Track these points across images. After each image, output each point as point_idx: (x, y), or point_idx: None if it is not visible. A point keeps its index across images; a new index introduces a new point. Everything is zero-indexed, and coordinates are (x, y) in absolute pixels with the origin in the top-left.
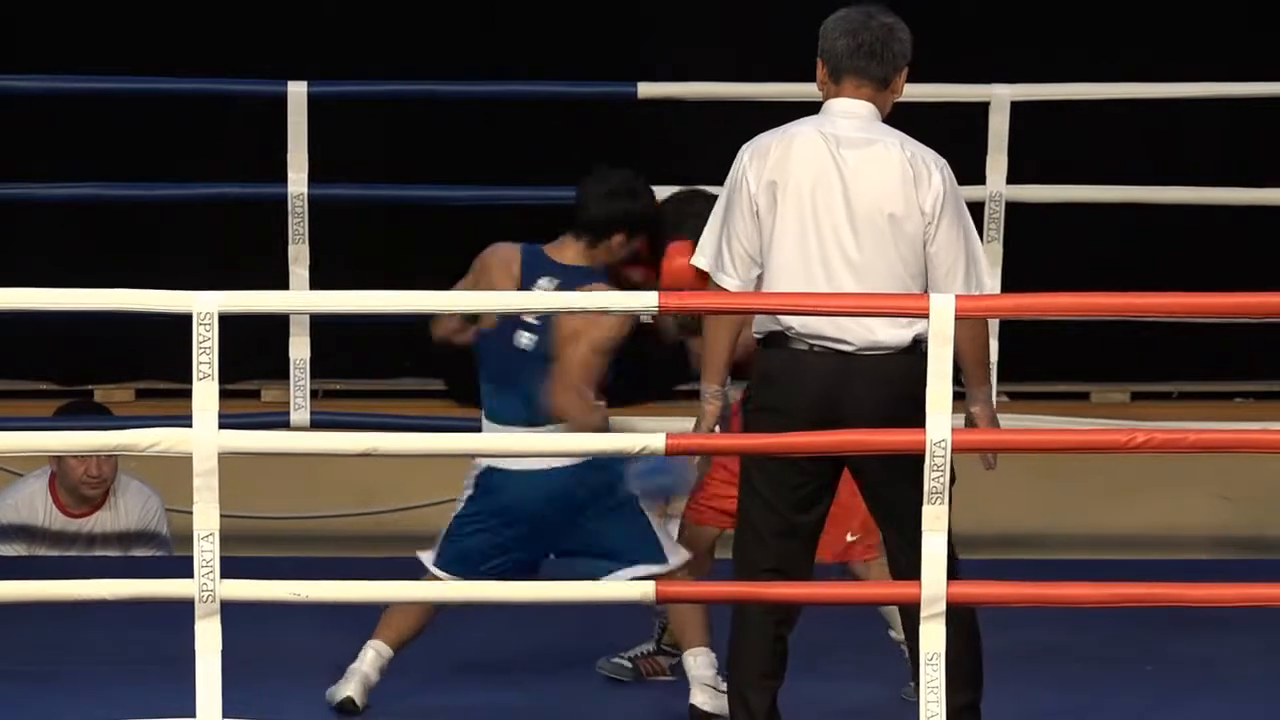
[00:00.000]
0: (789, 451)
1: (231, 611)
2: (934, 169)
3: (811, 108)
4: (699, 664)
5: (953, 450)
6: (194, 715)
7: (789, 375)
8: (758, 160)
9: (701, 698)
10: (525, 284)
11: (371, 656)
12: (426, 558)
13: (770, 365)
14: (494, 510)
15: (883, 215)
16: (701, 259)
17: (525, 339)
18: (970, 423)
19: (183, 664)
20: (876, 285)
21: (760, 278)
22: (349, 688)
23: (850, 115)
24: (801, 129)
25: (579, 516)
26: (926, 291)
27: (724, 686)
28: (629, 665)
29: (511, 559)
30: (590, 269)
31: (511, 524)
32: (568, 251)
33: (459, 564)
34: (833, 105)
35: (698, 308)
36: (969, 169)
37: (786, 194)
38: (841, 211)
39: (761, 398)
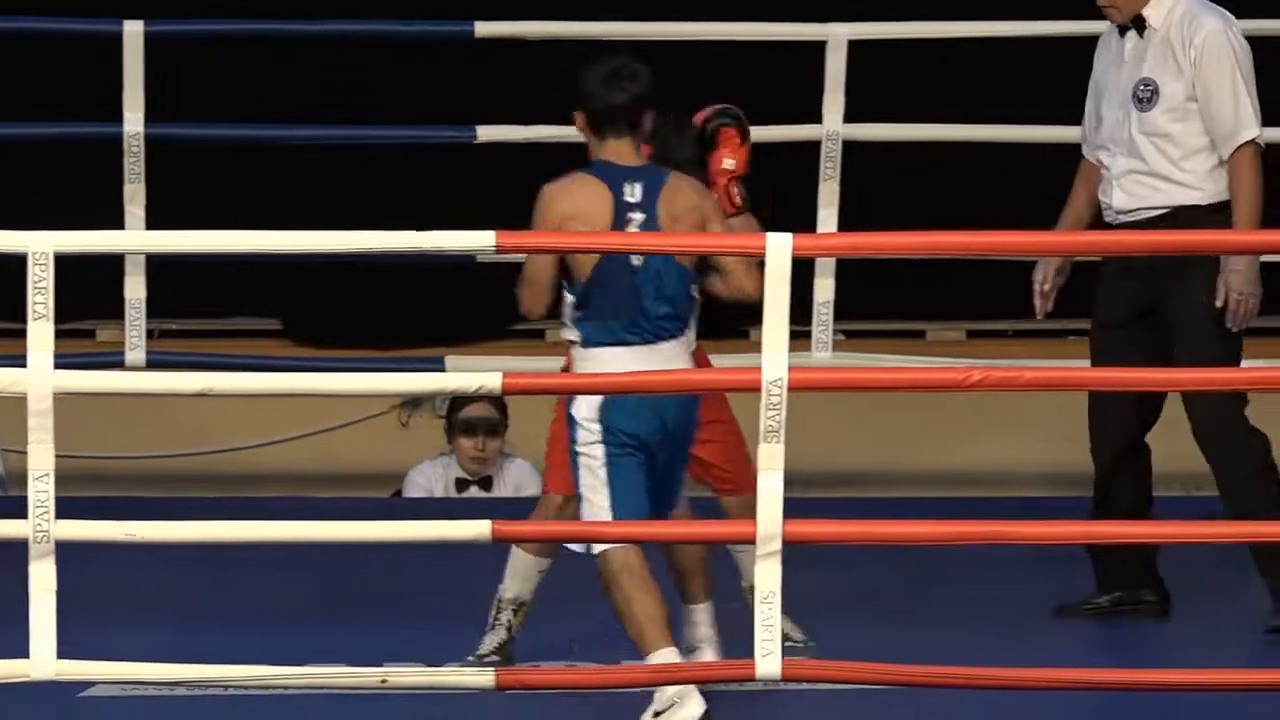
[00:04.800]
0: (631, 391)
1: (67, 551)
2: None
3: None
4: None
5: (789, 389)
6: (27, 656)
7: None
8: None
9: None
10: (617, 197)
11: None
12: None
13: None
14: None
15: None
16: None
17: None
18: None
19: (17, 605)
20: None
21: None
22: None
23: None
24: None
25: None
26: None
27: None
28: None
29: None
30: (652, 165)
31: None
32: (624, 153)
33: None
34: None
35: (533, 247)
36: (806, 107)
37: None
38: None
39: None
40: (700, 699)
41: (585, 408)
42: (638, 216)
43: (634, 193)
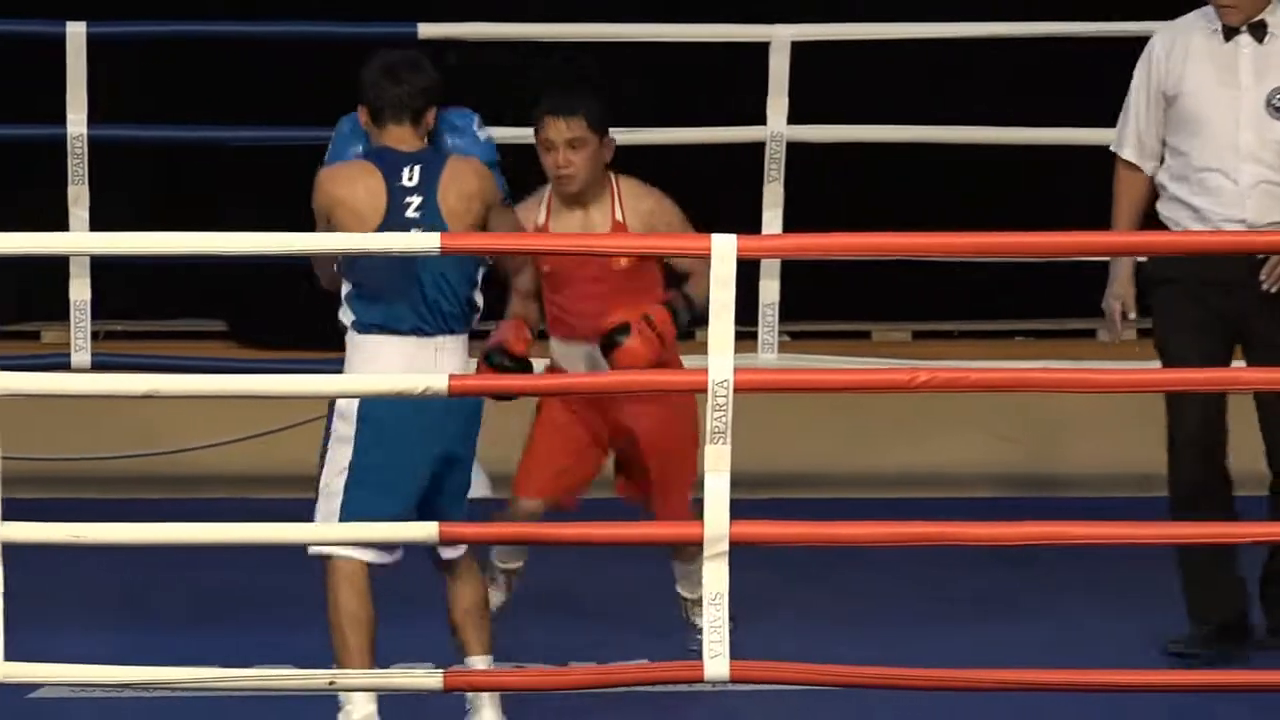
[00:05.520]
0: (568, 392)
1: (12, 554)
2: None
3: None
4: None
5: (734, 390)
6: None
7: None
8: None
9: None
10: (391, 181)
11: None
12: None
13: None
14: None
15: None
16: None
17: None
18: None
19: None
20: None
21: None
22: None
23: None
24: None
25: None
26: None
27: None
28: None
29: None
30: (434, 149)
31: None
32: (405, 139)
33: None
34: None
35: (475, 248)
36: (750, 109)
37: None
38: None
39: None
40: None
41: (345, 411)
42: (415, 199)
43: (411, 176)
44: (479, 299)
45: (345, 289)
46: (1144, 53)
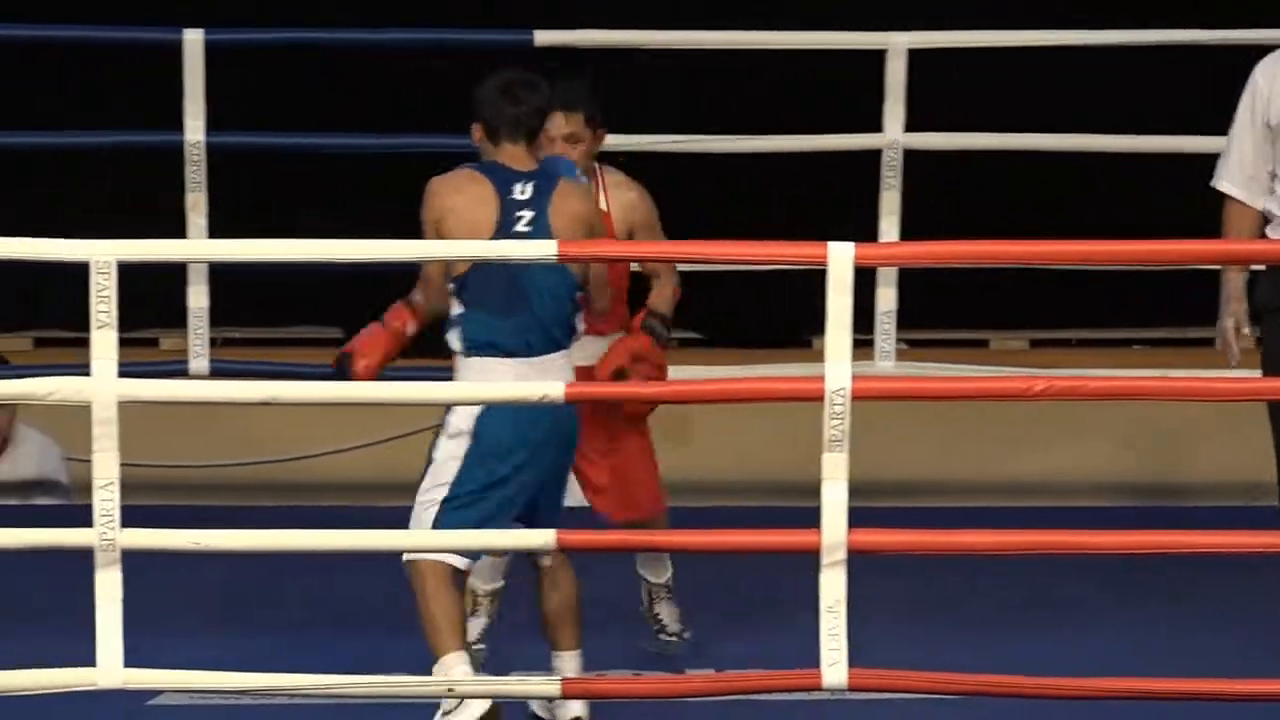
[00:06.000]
0: (685, 400)
1: (131, 560)
2: None
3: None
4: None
5: (852, 398)
6: (94, 664)
7: None
8: None
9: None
10: (503, 194)
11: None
12: None
13: None
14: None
15: None
16: None
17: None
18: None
19: (83, 614)
20: None
21: None
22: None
23: None
24: None
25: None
26: None
27: None
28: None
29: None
30: (550, 165)
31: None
32: (518, 157)
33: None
34: None
35: (592, 256)
36: (866, 117)
37: None
38: None
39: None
40: (485, 704)
41: (461, 416)
42: (526, 214)
43: (524, 191)
44: (579, 322)
45: (456, 310)
46: (1247, 86)
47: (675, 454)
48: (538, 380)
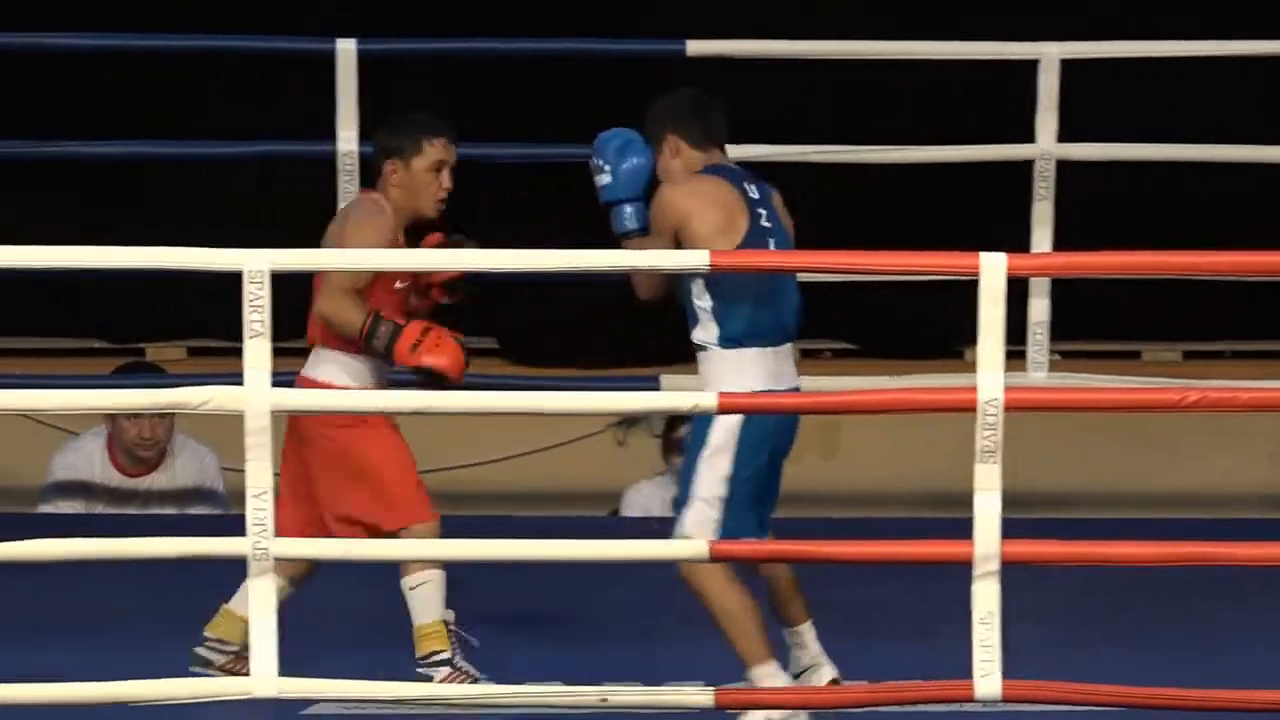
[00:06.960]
0: (843, 411)
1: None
2: None
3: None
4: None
5: (1005, 409)
6: (249, 674)
7: None
8: None
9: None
10: (744, 194)
11: None
12: None
13: None
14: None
15: None
16: None
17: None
18: None
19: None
20: None
21: None
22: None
23: None
24: None
25: None
26: None
27: None
28: None
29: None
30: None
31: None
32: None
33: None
34: None
35: (744, 265)
36: (1018, 127)
37: None
38: None
39: None
40: None
41: (721, 433)
42: (763, 211)
43: (753, 189)
44: None
45: (706, 304)
46: None
47: (823, 465)
48: (787, 369)
